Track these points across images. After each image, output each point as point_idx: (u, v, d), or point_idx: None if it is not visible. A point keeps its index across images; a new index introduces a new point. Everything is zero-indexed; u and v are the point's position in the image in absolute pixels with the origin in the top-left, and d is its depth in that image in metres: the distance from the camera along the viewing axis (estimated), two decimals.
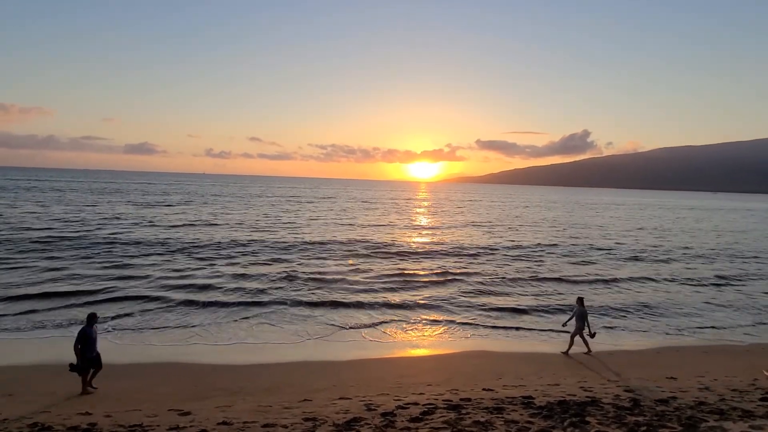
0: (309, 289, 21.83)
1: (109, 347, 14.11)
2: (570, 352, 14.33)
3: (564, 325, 14.62)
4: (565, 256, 34.55)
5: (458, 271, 27.38)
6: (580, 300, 14.53)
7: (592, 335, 14.28)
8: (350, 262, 29.02)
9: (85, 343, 10.53)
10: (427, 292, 22.29)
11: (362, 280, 24.27)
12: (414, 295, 21.61)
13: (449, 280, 24.97)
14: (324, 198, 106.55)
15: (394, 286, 23.18)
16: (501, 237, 45.17)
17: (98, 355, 10.82)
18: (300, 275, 24.43)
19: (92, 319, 10.89)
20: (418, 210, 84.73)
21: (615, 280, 26.05)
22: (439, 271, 27.05)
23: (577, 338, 14.34)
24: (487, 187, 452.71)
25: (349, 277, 24.55)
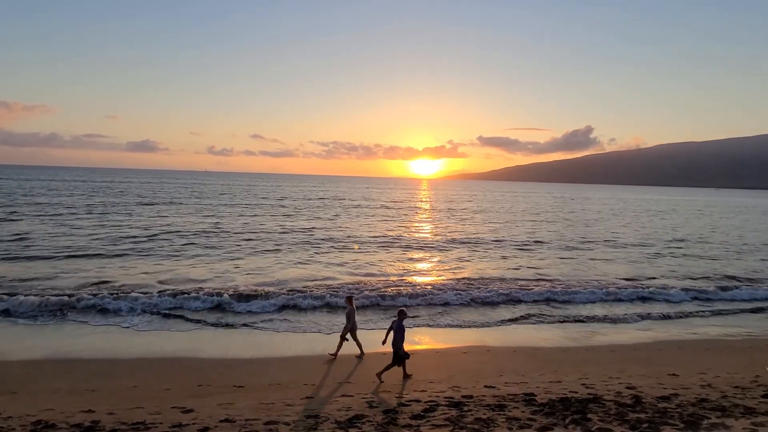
0: (312, 291, 21.84)
1: (112, 345, 14.20)
2: (338, 354, 13.30)
3: (346, 330, 13.36)
4: None
5: None
6: (349, 299, 13.70)
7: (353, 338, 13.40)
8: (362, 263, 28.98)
9: (398, 336, 11.45)
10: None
11: (373, 283, 24.22)
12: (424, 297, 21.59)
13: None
14: (335, 199, 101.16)
15: (409, 289, 22.70)
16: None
17: (401, 347, 11.51)
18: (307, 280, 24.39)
19: (402, 314, 11.82)
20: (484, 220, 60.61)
21: None
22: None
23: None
24: (495, 184, 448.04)
25: (355, 280, 24.47)
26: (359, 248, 28.64)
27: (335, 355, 13.36)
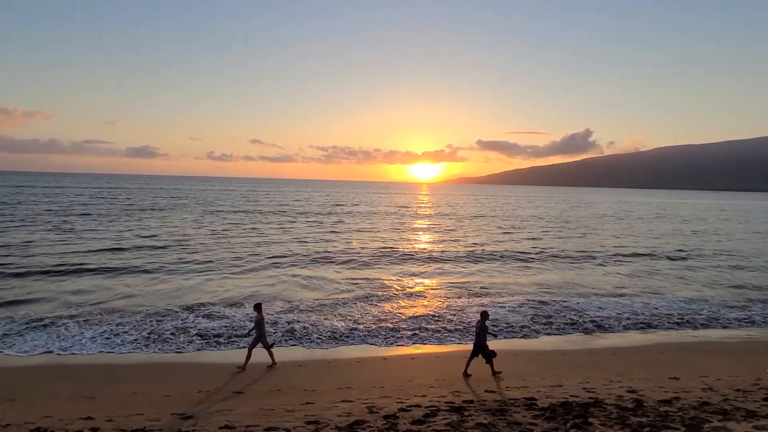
0: (311, 294, 21.83)
1: (111, 351, 14.16)
2: (247, 365, 12.60)
3: (248, 334, 13.05)
4: None
5: None
6: (258, 306, 12.91)
7: (271, 345, 13.01)
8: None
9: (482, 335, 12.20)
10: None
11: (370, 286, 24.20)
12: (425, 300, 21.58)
13: None
14: (335, 204, 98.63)
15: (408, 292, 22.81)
16: None
17: (485, 346, 12.19)
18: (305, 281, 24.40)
19: (485, 315, 12.34)
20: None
21: None
22: None
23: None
24: (495, 188, 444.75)
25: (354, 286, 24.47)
26: (358, 245, 28.21)
27: (243, 367, 12.56)
